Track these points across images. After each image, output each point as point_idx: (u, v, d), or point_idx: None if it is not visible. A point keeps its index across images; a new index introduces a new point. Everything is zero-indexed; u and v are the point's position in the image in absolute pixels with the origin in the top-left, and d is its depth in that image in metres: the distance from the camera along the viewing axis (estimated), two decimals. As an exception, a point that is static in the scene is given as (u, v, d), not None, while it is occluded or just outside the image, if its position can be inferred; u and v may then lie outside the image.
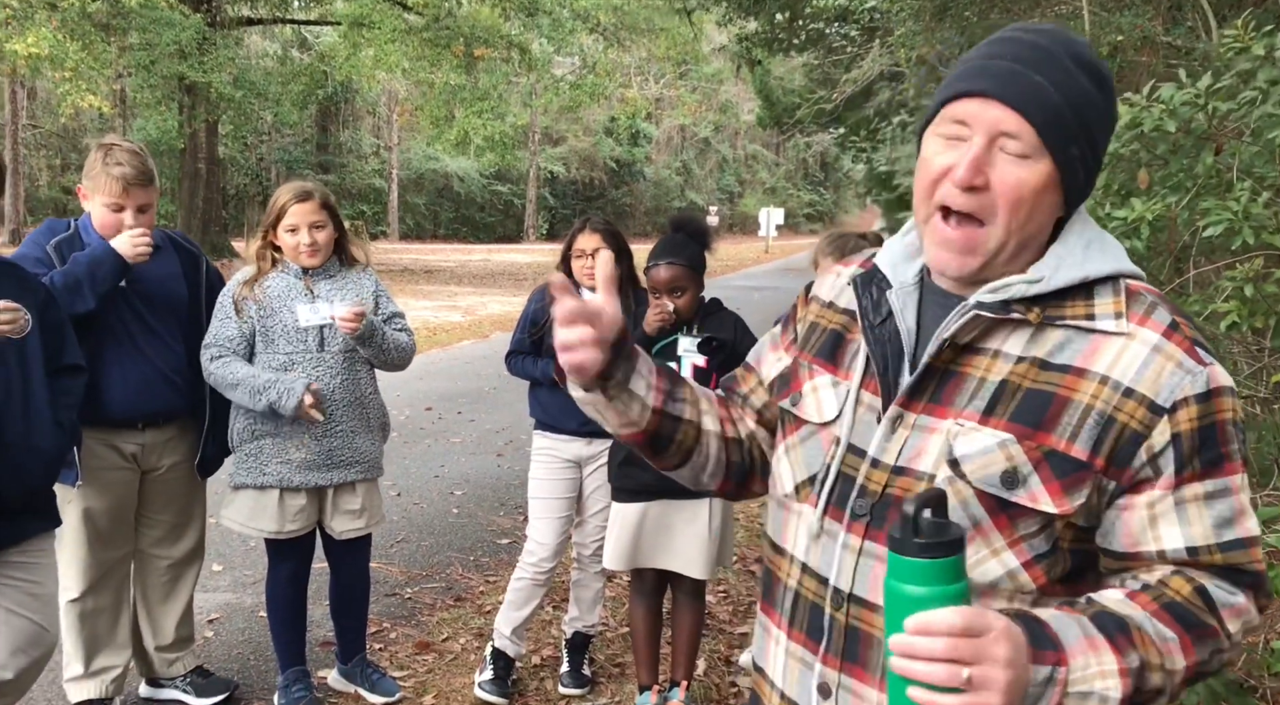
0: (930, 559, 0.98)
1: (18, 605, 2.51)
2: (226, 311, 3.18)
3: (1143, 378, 1.13)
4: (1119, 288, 1.18)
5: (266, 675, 3.61)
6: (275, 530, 3.21)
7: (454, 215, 41.64)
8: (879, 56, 12.59)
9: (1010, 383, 1.17)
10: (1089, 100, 1.16)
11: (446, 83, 20.72)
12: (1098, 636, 1.05)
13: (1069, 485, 1.13)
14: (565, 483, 3.54)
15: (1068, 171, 1.16)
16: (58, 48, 16.25)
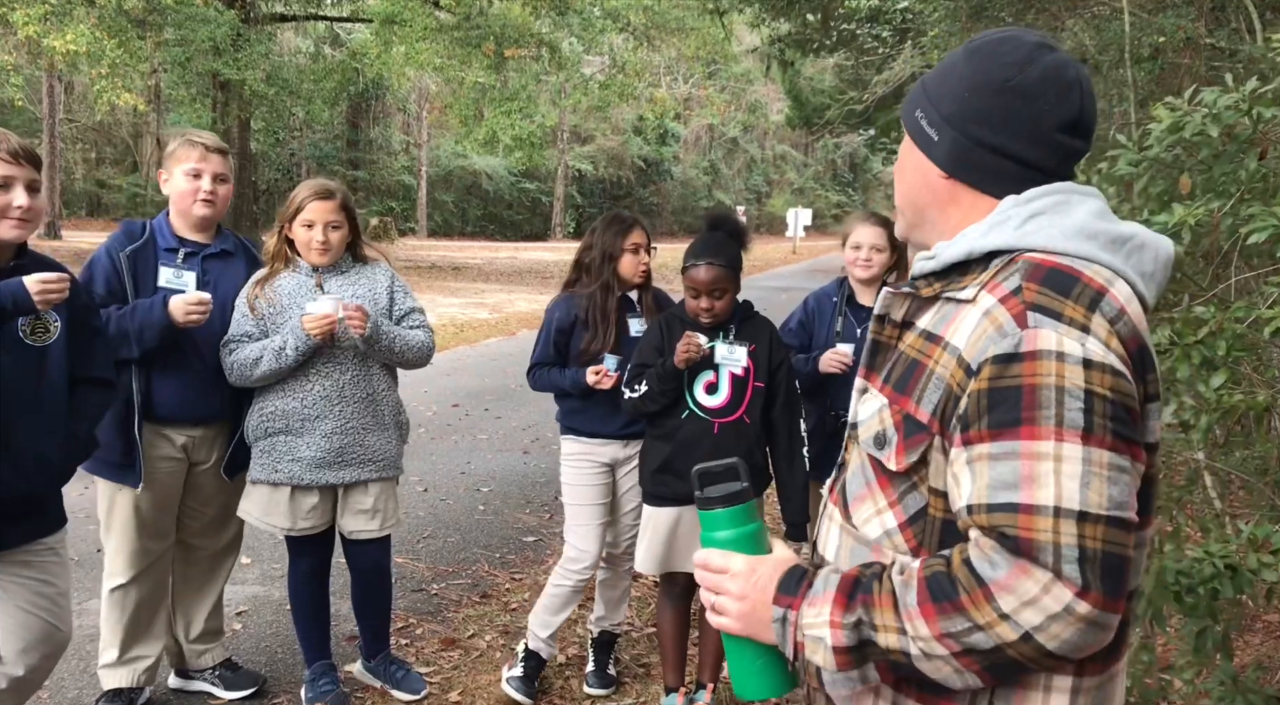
0: (707, 510, 1.30)
1: (29, 603, 2.53)
2: (242, 310, 3.19)
3: (967, 341, 1.17)
4: (1006, 260, 1.21)
5: (294, 668, 3.64)
6: (288, 527, 3.23)
7: (482, 213, 41.80)
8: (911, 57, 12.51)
9: (905, 354, 1.27)
10: (946, 70, 1.29)
11: (476, 82, 20.79)
12: (833, 592, 1.17)
13: (910, 445, 1.21)
14: (602, 487, 3.51)
15: (914, 131, 1.32)
16: (95, 44, 16.45)
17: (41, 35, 16.29)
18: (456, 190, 41.12)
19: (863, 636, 1.14)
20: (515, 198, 42.37)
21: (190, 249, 3.16)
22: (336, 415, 3.17)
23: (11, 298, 2.36)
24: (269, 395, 3.19)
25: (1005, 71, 1.23)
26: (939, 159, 1.28)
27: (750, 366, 3.16)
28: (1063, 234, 1.20)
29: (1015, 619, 1.07)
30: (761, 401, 3.17)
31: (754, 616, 1.22)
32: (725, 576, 1.25)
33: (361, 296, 3.22)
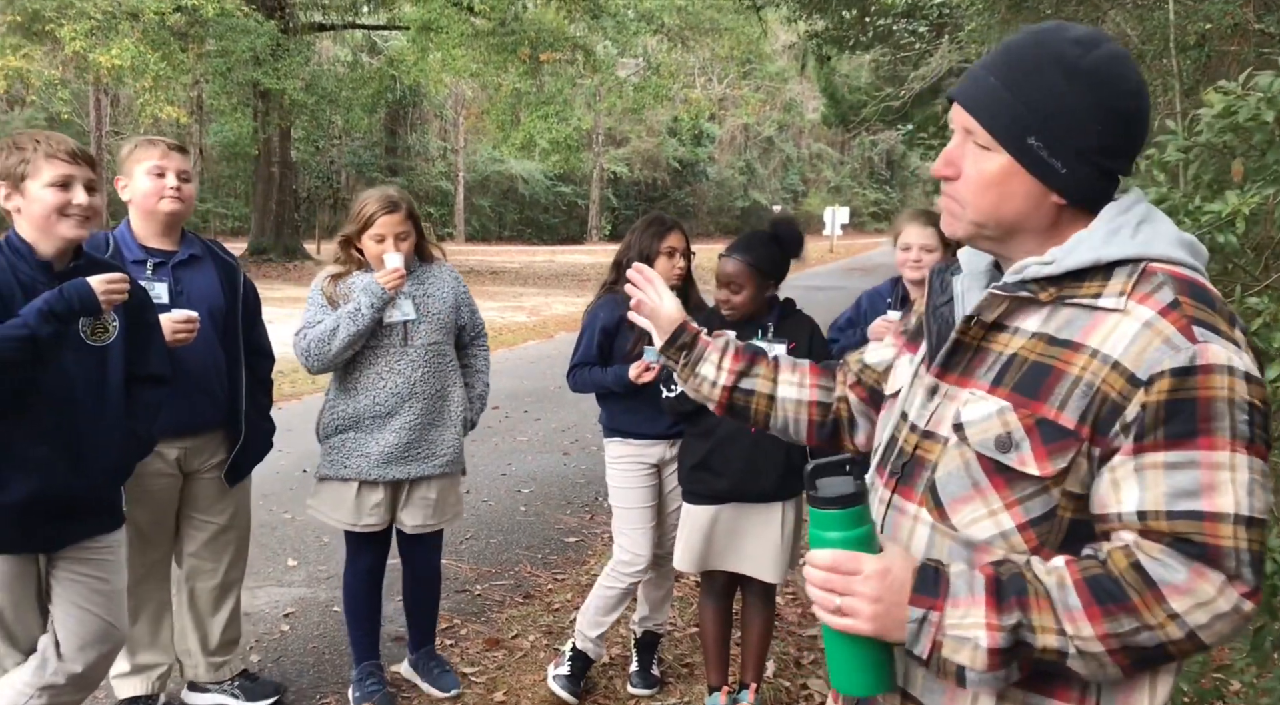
0: (822, 510, 1.25)
1: (85, 601, 2.58)
2: (319, 302, 3.25)
3: (1129, 352, 1.19)
4: (1136, 269, 1.24)
5: (341, 669, 3.67)
6: (351, 523, 3.27)
7: (518, 216, 42.04)
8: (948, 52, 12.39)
9: (1019, 356, 1.27)
10: (1051, 94, 1.25)
11: (512, 87, 20.92)
12: (982, 594, 1.18)
13: (1054, 451, 1.22)
14: (650, 489, 3.49)
15: (1031, 162, 1.27)
16: (139, 58, 16.77)
17: (88, 50, 16.66)
18: (493, 195, 41.39)
19: (1019, 638, 1.18)
20: (551, 201, 42.55)
21: (159, 258, 3.06)
22: (407, 410, 3.23)
23: (78, 298, 2.40)
24: (341, 395, 3.26)
25: (1130, 101, 1.26)
26: (1062, 188, 1.27)
27: None
28: (1169, 242, 1.26)
29: (1184, 618, 1.14)
30: None
31: (889, 617, 1.22)
32: (857, 578, 1.22)
33: (430, 295, 3.30)
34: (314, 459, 3.60)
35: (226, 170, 33.30)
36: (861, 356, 1.68)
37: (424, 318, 3.27)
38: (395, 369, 3.23)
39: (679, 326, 1.71)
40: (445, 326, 3.34)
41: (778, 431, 1.71)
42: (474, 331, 3.50)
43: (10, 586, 2.49)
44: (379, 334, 3.22)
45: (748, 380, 1.68)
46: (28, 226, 2.48)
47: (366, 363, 3.23)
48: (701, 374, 1.69)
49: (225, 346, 3.17)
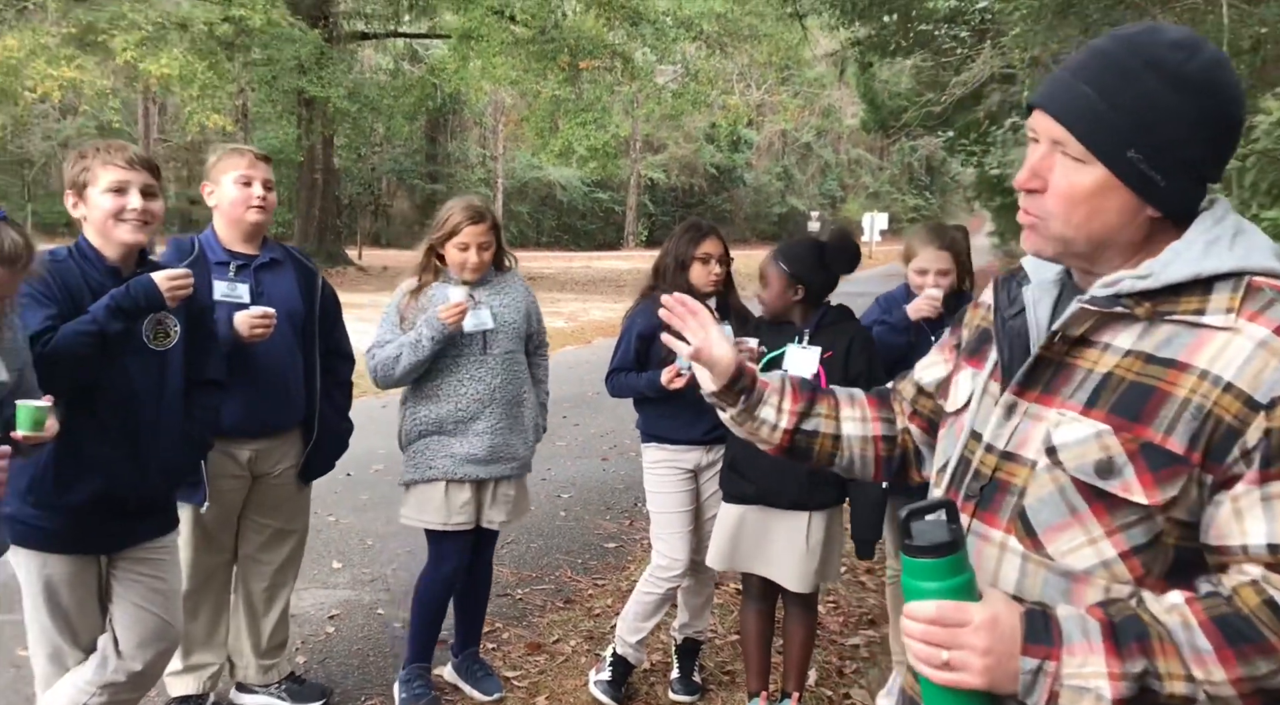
0: (919, 559, 1.16)
1: (144, 600, 2.65)
2: (392, 319, 3.34)
3: (1244, 373, 1.13)
4: (1240, 284, 1.18)
5: (385, 671, 3.71)
6: (442, 522, 3.34)
7: (556, 223, 42.20)
8: (990, 58, 12.26)
9: (1115, 375, 1.20)
10: (1152, 103, 1.18)
11: (551, 94, 21.03)
12: (1098, 640, 1.12)
13: (1163, 478, 1.15)
14: (687, 494, 3.50)
15: (1129, 174, 1.19)
16: (187, 67, 17.09)
17: (138, 60, 17.01)
18: (531, 201, 41.60)
19: (1144, 685, 1.12)
20: (589, 208, 42.68)
21: (241, 261, 3.14)
22: (488, 416, 3.32)
23: (144, 294, 2.47)
24: (421, 402, 3.34)
25: (1235, 109, 1.21)
26: (1161, 201, 1.21)
27: (822, 373, 3.10)
28: (1266, 254, 1.20)
29: None
30: None
31: (1000, 669, 1.14)
32: (965, 630, 1.14)
33: (506, 305, 3.39)
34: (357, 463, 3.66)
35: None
36: (914, 380, 1.61)
37: (500, 327, 3.35)
38: (476, 376, 3.31)
39: (736, 370, 1.60)
40: (519, 335, 3.43)
41: (841, 470, 1.63)
42: (538, 340, 3.58)
43: (73, 586, 2.56)
44: (460, 343, 3.29)
45: (810, 420, 1.60)
46: (93, 233, 2.56)
47: (448, 370, 3.30)
48: (760, 417, 1.60)
49: (303, 350, 3.25)
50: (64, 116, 29.63)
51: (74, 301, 2.48)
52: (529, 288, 3.58)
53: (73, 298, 2.48)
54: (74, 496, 2.48)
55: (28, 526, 2.50)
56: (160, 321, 2.62)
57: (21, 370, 2.29)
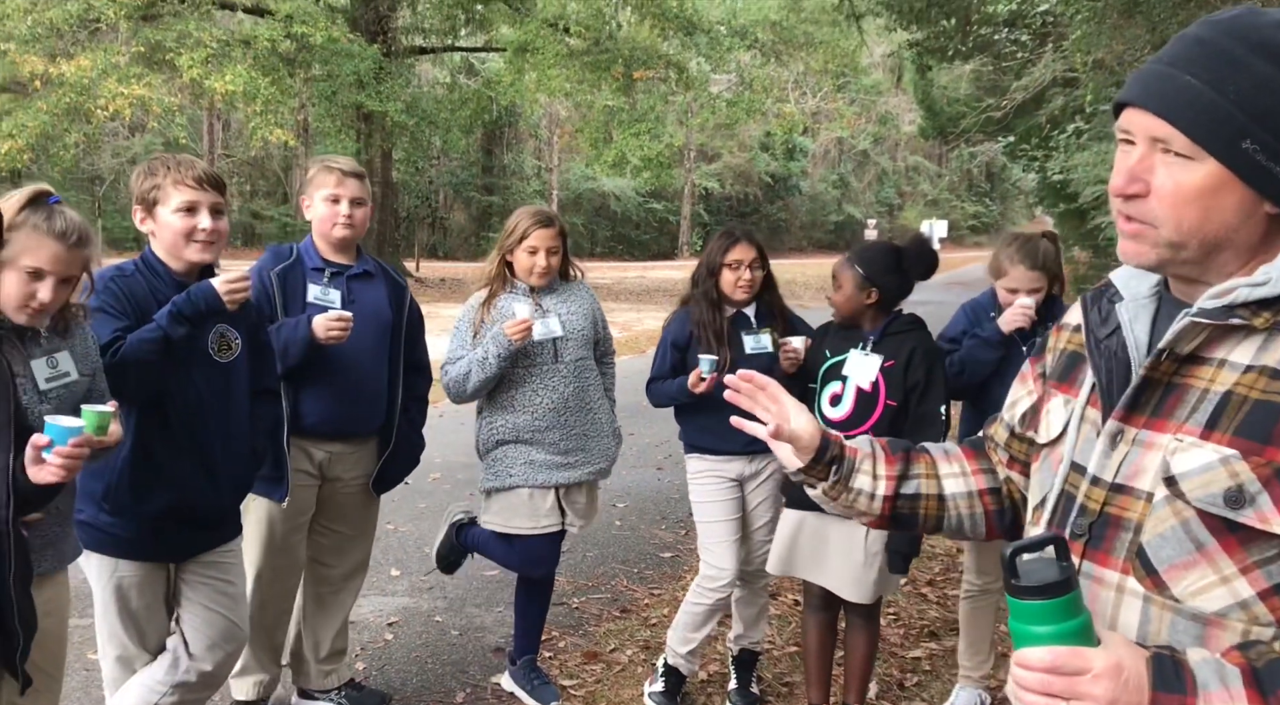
0: (1029, 601, 1.04)
1: (211, 602, 2.71)
2: (464, 334, 3.39)
3: None
4: None
5: (444, 678, 3.73)
6: (531, 527, 3.37)
7: (610, 233, 42.37)
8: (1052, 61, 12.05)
9: (1236, 394, 1.09)
10: (1264, 86, 1.08)
11: (605, 105, 21.12)
12: (1238, 687, 1.00)
13: None
14: (732, 503, 3.46)
15: (1247, 168, 1.09)
16: (250, 84, 17.49)
17: (204, 77, 17.44)
18: (586, 212, 41.81)
19: None
20: (643, 218, 42.77)
21: (335, 269, 3.22)
22: (562, 425, 3.36)
23: (204, 299, 2.53)
24: (497, 411, 3.38)
25: None
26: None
27: (881, 382, 3.05)
28: None
29: None
30: (890, 421, 3.04)
31: None
32: (1085, 679, 1.02)
33: (574, 312, 3.43)
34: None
35: (331, 191, 34.36)
36: (1006, 424, 1.49)
37: (570, 334, 3.38)
38: (549, 385, 3.35)
39: (822, 440, 1.46)
40: (588, 342, 3.46)
41: (950, 533, 1.51)
42: (605, 347, 3.61)
43: (144, 590, 2.63)
44: (531, 352, 3.32)
45: (909, 483, 1.49)
46: (161, 249, 2.63)
47: (521, 381, 3.34)
48: (856, 488, 1.47)
49: (388, 359, 3.31)
50: (133, 133, 30.53)
51: (142, 315, 2.55)
52: (594, 295, 3.61)
53: (141, 311, 2.55)
54: (149, 506, 2.55)
55: (103, 533, 2.57)
56: (223, 334, 2.68)
57: (94, 374, 2.36)
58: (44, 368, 2.22)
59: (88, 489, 2.56)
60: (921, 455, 1.52)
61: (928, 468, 1.50)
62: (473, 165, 38.75)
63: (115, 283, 2.56)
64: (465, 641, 4.08)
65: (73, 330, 2.32)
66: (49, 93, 17.12)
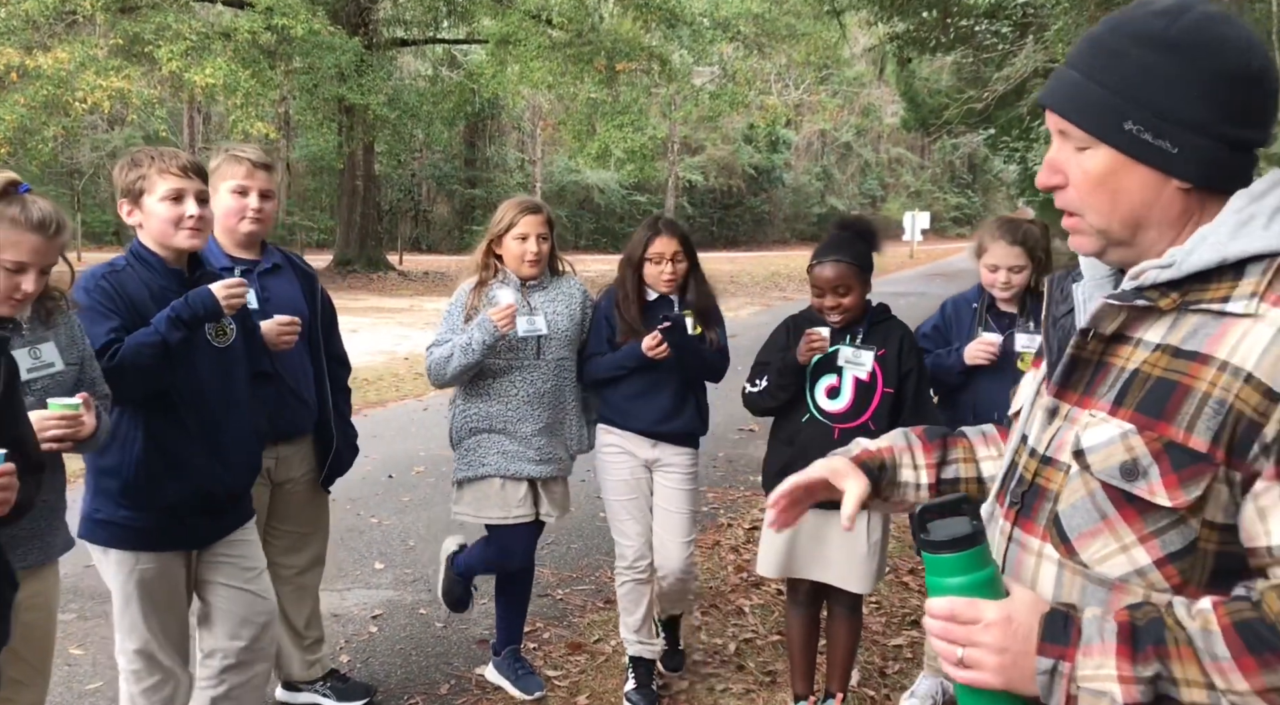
0: (937, 554, 1.15)
1: (235, 580, 2.77)
2: (455, 319, 3.38)
3: (1263, 363, 1.07)
4: (1271, 266, 1.11)
5: (427, 670, 3.74)
6: (503, 516, 3.38)
7: (594, 226, 42.32)
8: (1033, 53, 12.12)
9: (1141, 372, 1.16)
10: (1140, 72, 1.15)
11: (588, 97, 21.09)
12: (1114, 641, 1.07)
13: (1186, 477, 1.10)
14: (638, 482, 3.49)
15: (1135, 148, 1.16)
16: (230, 76, 17.37)
17: (183, 69, 17.31)
18: (569, 205, 41.75)
19: (1159, 691, 1.06)
20: (627, 210, 42.73)
21: (245, 266, 3.08)
22: (536, 418, 3.37)
23: (202, 305, 2.55)
24: (471, 399, 3.39)
25: (1237, 59, 1.13)
26: (1182, 171, 1.15)
27: (877, 371, 3.09)
28: None
29: None
30: (889, 409, 3.10)
31: (1016, 668, 1.11)
32: (977, 627, 1.12)
33: (560, 312, 3.42)
34: (399, 464, 3.70)
35: (312, 184, 34.22)
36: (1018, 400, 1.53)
37: (554, 334, 3.38)
38: (528, 380, 3.36)
39: (868, 472, 1.47)
40: (571, 343, 3.46)
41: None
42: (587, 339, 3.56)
43: (165, 580, 2.66)
44: (515, 346, 3.34)
45: (948, 468, 1.52)
46: (149, 239, 2.63)
47: (500, 371, 3.35)
48: (903, 482, 1.51)
49: (310, 356, 3.26)
50: (112, 127, 30.28)
51: (136, 309, 2.55)
52: (586, 292, 3.57)
53: (135, 306, 2.56)
54: (166, 495, 2.59)
55: (123, 528, 2.59)
56: (219, 321, 2.71)
57: (81, 362, 2.38)
58: (26, 358, 2.24)
59: (103, 486, 2.59)
60: (959, 440, 1.55)
61: (965, 451, 1.54)
62: (455, 158, 38.61)
63: (106, 280, 2.56)
64: (449, 633, 4.09)
65: (56, 319, 2.34)
66: (26, 85, 16.94)
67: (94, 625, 4.07)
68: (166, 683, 2.71)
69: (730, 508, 6.01)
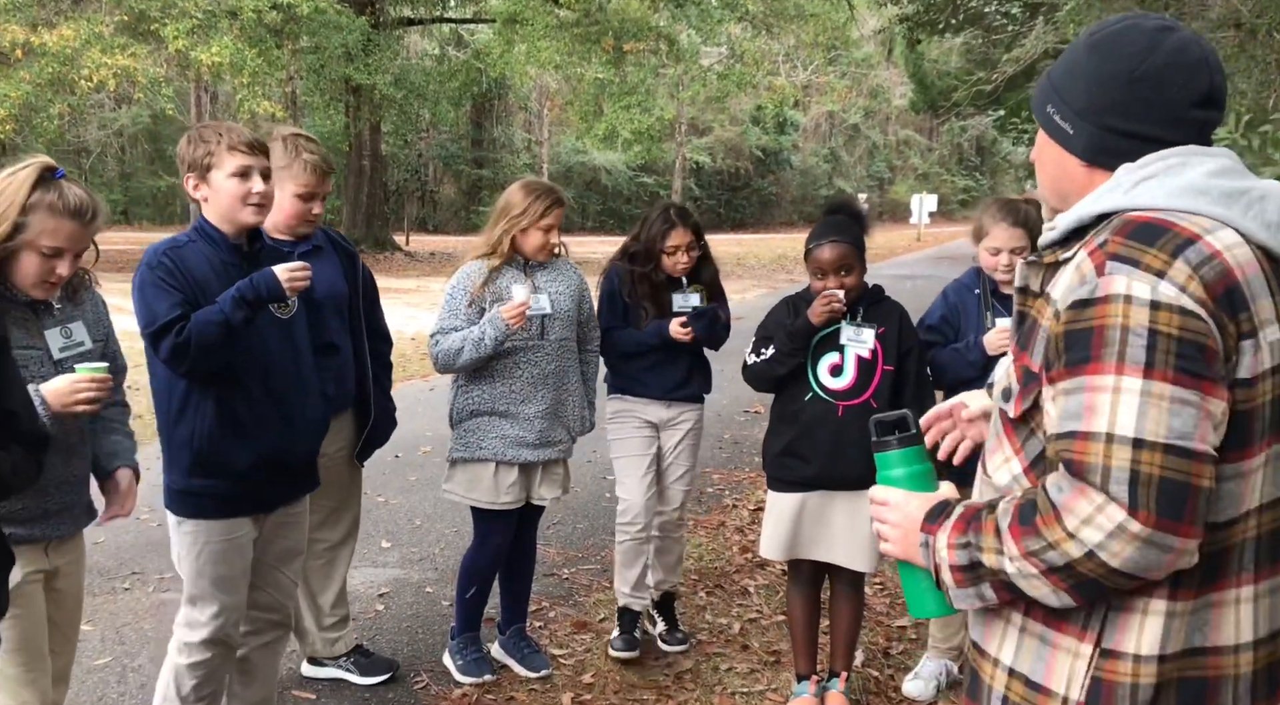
0: (885, 451, 1.49)
1: (280, 562, 2.87)
2: (457, 304, 3.38)
3: (1061, 293, 1.29)
4: (1108, 223, 1.31)
5: (434, 648, 3.76)
6: (491, 501, 3.39)
7: (601, 207, 42.21)
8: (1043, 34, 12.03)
9: (1030, 315, 1.39)
10: (1072, 65, 1.39)
11: (595, 77, 21.00)
12: (955, 521, 1.34)
13: (1025, 393, 1.35)
14: (645, 440, 3.70)
15: (1050, 127, 1.42)
16: (237, 55, 17.31)
17: (189, 48, 17.25)
18: (576, 186, 41.61)
19: (972, 557, 1.30)
20: (633, 192, 42.61)
21: (287, 248, 3.13)
22: (540, 399, 3.39)
23: (266, 287, 2.57)
24: (476, 380, 3.40)
25: (1131, 62, 1.32)
26: (1077, 150, 1.38)
27: (878, 349, 3.12)
28: (1167, 193, 1.29)
29: (1079, 537, 1.20)
30: (890, 386, 3.12)
31: (906, 542, 1.40)
32: (887, 509, 1.44)
33: (563, 291, 3.46)
34: (406, 444, 3.70)
35: (319, 164, 34.12)
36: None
37: (557, 314, 3.41)
38: (532, 360, 3.37)
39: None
40: (573, 323, 3.49)
41: None
42: (588, 332, 3.61)
43: (236, 547, 2.69)
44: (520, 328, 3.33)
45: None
46: (215, 214, 2.65)
47: (503, 352, 3.34)
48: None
49: (351, 332, 3.33)
50: (119, 105, 30.24)
51: (199, 285, 2.57)
52: (583, 276, 3.61)
53: (197, 281, 2.58)
54: (239, 462, 2.63)
55: (198, 496, 2.64)
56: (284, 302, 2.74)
57: (105, 338, 2.47)
58: (58, 338, 2.33)
59: (175, 459, 2.64)
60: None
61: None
62: (462, 138, 38.50)
63: (168, 256, 2.58)
64: (455, 609, 4.11)
65: (81, 296, 2.42)
66: (31, 63, 16.91)
67: (102, 601, 4.10)
68: (217, 660, 2.73)
69: (735, 489, 6.02)
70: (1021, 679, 1.34)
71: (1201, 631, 1.27)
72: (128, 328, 2.76)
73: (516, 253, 3.40)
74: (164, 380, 2.63)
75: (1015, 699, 1.35)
